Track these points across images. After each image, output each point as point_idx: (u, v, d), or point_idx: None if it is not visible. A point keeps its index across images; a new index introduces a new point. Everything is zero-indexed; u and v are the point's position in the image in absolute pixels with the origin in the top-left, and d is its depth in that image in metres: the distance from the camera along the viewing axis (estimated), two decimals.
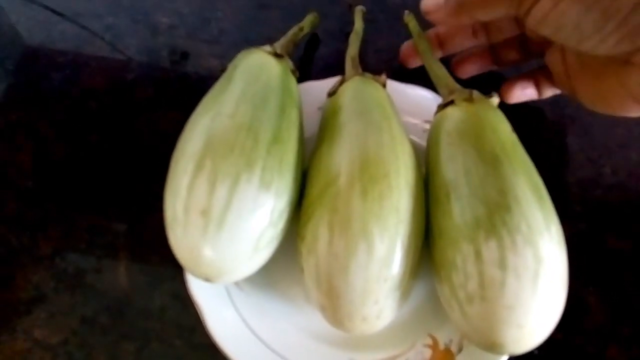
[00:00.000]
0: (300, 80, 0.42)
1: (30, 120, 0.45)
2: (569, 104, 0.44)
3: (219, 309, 0.35)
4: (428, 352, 0.35)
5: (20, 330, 0.37)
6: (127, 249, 0.39)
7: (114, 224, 0.40)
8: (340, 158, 0.33)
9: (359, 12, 0.45)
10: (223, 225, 0.30)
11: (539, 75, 0.41)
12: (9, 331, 0.37)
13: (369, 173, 0.32)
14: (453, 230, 0.31)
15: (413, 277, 0.33)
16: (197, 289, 0.35)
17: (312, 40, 0.48)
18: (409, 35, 0.43)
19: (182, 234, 0.31)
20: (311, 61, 0.48)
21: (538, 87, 0.41)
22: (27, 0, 0.50)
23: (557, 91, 0.41)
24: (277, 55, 0.37)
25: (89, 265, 0.39)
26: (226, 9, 0.49)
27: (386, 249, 0.30)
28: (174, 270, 0.35)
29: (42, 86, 0.46)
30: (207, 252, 0.30)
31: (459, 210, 0.32)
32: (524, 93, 0.41)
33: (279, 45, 0.39)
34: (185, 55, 0.47)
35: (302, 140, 0.36)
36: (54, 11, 0.49)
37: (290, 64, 0.38)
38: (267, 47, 0.38)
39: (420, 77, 0.46)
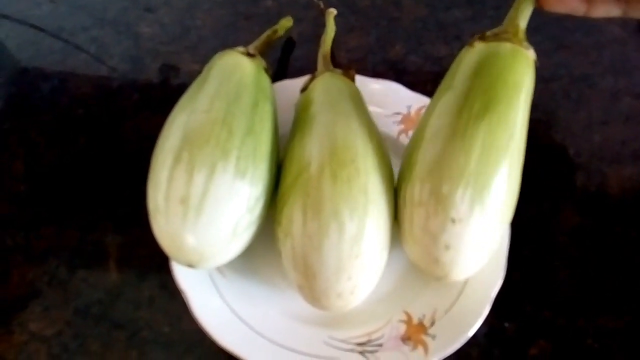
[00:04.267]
0: (277, 80, 0.45)
1: (22, 129, 0.47)
2: None
3: (204, 295, 0.37)
4: (403, 327, 0.37)
5: (16, 324, 0.39)
6: (116, 244, 0.41)
7: (102, 222, 0.42)
8: (312, 146, 0.35)
9: (330, 14, 0.47)
10: (202, 211, 0.32)
11: None
12: (6, 325, 0.39)
13: (337, 158, 0.34)
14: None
15: (385, 254, 0.35)
16: (183, 277, 0.37)
17: (287, 43, 0.51)
18: (378, 35, 0.45)
19: (163, 223, 0.33)
20: (287, 62, 0.50)
21: (589, 1, 0.33)
22: (14, 21, 0.52)
23: (612, 12, 0.34)
24: (249, 55, 0.40)
25: (80, 262, 0.41)
26: (205, 18, 0.52)
27: (356, 227, 0.33)
28: (161, 263, 0.37)
29: (32, 96, 0.48)
30: (188, 238, 0.33)
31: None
32: (561, 1, 0.34)
33: (252, 47, 0.41)
34: (167, 64, 0.50)
35: (276, 132, 0.38)
36: (39, 28, 0.52)
37: (262, 62, 0.41)
38: (240, 48, 0.40)
39: (391, 73, 0.48)
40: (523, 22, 0.36)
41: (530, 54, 0.35)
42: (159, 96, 0.48)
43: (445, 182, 0.32)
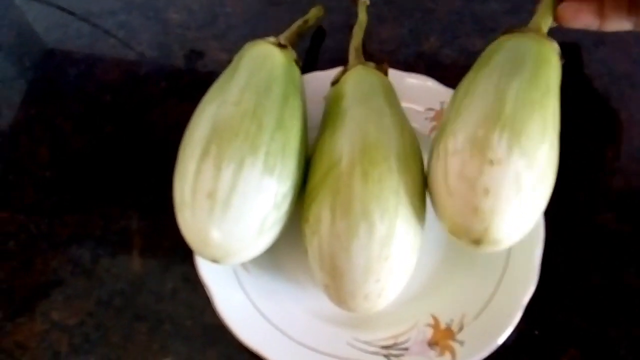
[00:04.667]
0: (306, 71, 0.44)
1: (48, 114, 0.47)
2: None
3: (227, 290, 0.37)
4: (429, 332, 0.36)
5: (38, 312, 0.39)
6: (140, 234, 0.41)
7: (127, 211, 0.42)
8: (342, 143, 0.34)
9: (362, 4, 0.46)
10: (229, 207, 0.32)
11: (608, 2, 0.37)
12: (28, 313, 0.39)
13: (369, 156, 0.33)
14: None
15: (415, 256, 0.34)
16: (206, 271, 0.36)
17: (318, 33, 0.49)
18: (412, 27, 0.44)
19: (190, 216, 0.32)
20: (317, 53, 0.49)
21: (602, 16, 0.37)
22: (43, 2, 0.52)
23: (624, 26, 0.37)
24: (280, 46, 0.39)
25: (104, 251, 0.41)
26: (235, 5, 0.51)
27: (386, 229, 0.32)
28: (185, 254, 0.36)
29: (59, 82, 0.48)
30: (214, 233, 0.32)
31: None
32: (575, 17, 0.38)
33: (283, 37, 0.40)
34: (195, 51, 0.49)
35: (305, 127, 0.37)
36: (68, 11, 0.51)
37: (293, 54, 0.39)
38: (271, 39, 0.39)
39: (423, 67, 0.47)
40: (545, 28, 0.37)
41: (555, 46, 0.36)
42: (186, 84, 0.47)
43: (481, 127, 0.31)
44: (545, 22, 0.38)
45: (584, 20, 0.37)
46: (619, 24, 0.37)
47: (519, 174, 0.30)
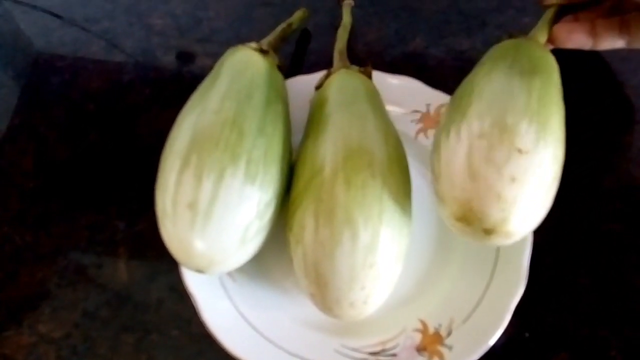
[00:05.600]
0: (292, 74, 0.43)
1: (32, 124, 0.46)
2: None
3: (213, 299, 0.36)
4: (418, 337, 0.36)
5: (25, 325, 0.38)
6: (126, 245, 0.41)
7: (113, 221, 0.42)
8: (325, 149, 0.34)
9: (347, 5, 0.46)
10: (210, 217, 0.31)
11: (600, 21, 0.38)
12: (15, 326, 0.38)
13: (352, 163, 0.33)
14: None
15: (400, 263, 0.33)
16: (192, 281, 0.36)
17: (303, 36, 0.49)
18: (398, 27, 0.43)
19: (171, 227, 0.32)
20: (303, 56, 0.48)
21: (595, 36, 0.39)
22: (29, 6, 0.51)
23: (617, 44, 0.39)
24: (262, 51, 0.38)
25: (90, 261, 0.40)
26: (218, 9, 0.50)
27: (370, 236, 0.31)
28: (171, 264, 0.36)
29: (42, 90, 0.48)
30: (196, 243, 0.32)
31: None
32: (569, 37, 0.39)
33: (265, 42, 0.40)
34: (179, 56, 0.48)
35: (288, 133, 0.37)
36: (55, 15, 0.51)
37: (275, 59, 0.39)
38: (253, 44, 0.39)
39: (409, 68, 0.46)
40: (542, 41, 0.38)
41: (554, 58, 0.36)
42: (171, 90, 0.47)
43: (509, 114, 0.31)
44: (542, 39, 0.38)
45: (578, 40, 0.38)
46: (611, 42, 0.38)
47: (544, 165, 0.30)
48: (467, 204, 0.30)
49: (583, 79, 0.46)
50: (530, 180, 0.30)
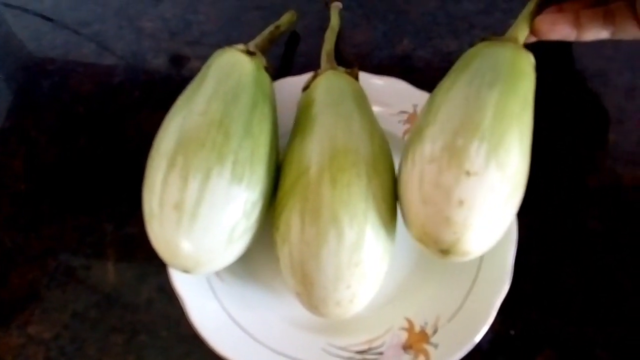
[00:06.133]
0: (281, 76, 0.44)
1: (22, 127, 0.46)
2: None
3: (201, 300, 0.37)
4: (404, 335, 0.36)
5: (14, 326, 0.39)
6: (115, 246, 0.41)
7: (102, 223, 0.42)
8: (312, 149, 0.34)
9: (335, 8, 0.46)
10: (196, 217, 0.32)
11: (584, 12, 0.38)
12: (4, 327, 0.39)
13: (337, 162, 0.33)
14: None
15: (386, 262, 0.33)
16: (180, 281, 0.36)
17: (292, 38, 0.49)
18: (385, 30, 0.44)
19: (158, 228, 0.32)
20: (291, 58, 0.49)
21: (579, 27, 0.37)
22: (20, 10, 0.52)
23: (601, 35, 0.38)
24: (249, 53, 0.39)
25: (79, 263, 0.41)
26: (208, 12, 0.51)
27: (356, 235, 0.31)
28: (159, 265, 0.36)
29: (33, 93, 0.48)
30: (183, 244, 0.32)
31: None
32: (552, 29, 0.38)
33: (252, 44, 0.40)
34: (169, 59, 0.49)
35: (275, 133, 0.37)
36: (46, 18, 0.51)
37: (263, 60, 0.39)
38: (240, 46, 0.39)
39: (397, 69, 0.47)
40: (522, 39, 0.37)
41: (530, 57, 0.35)
42: (161, 93, 0.47)
43: (459, 136, 0.30)
44: (522, 33, 0.37)
45: (561, 32, 0.38)
46: (595, 33, 0.38)
47: (494, 186, 0.30)
48: (422, 228, 0.31)
49: (568, 79, 0.47)
50: (479, 202, 0.30)
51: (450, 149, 0.30)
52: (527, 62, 0.35)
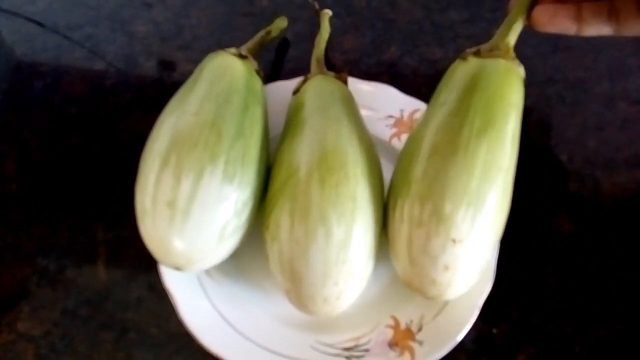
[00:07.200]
0: (271, 80, 0.45)
1: (14, 127, 0.47)
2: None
3: (191, 298, 0.37)
4: (390, 333, 0.37)
5: (4, 324, 0.39)
6: (105, 244, 0.41)
7: (93, 222, 0.42)
8: (301, 151, 0.35)
9: (324, 15, 0.47)
10: (188, 215, 0.32)
11: (587, 5, 0.34)
12: None
13: (326, 164, 0.34)
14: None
15: (372, 261, 0.34)
16: (170, 279, 0.37)
17: (282, 44, 0.50)
18: (374, 37, 0.45)
19: (151, 225, 0.33)
20: (282, 63, 0.50)
21: (581, 21, 0.34)
22: (11, 14, 0.52)
23: (603, 31, 0.35)
24: (241, 57, 0.40)
25: (70, 261, 0.41)
26: (200, 16, 0.52)
27: (343, 233, 0.32)
28: (150, 264, 0.37)
29: (25, 95, 0.48)
30: (175, 241, 0.33)
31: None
32: (552, 21, 0.35)
33: (244, 48, 0.41)
34: (161, 62, 0.50)
35: (266, 135, 0.38)
36: (37, 22, 0.51)
37: (254, 64, 0.40)
38: (232, 50, 0.40)
39: (384, 75, 0.48)
40: (513, 39, 0.36)
41: (520, 71, 0.36)
42: (152, 96, 0.48)
43: (448, 201, 0.31)
44: (514, 34, 0.36)
45: (561, 24, 0.35)
46: (598, 29, 0.35)
47: (477, 249, 0.32)
48: (409, 282, 0.34)
49: (545, 86, 0.48)
50: (463, 264, 0.32)
51: (439, 216, 0.31)
52: (518, 82, 0.35)
